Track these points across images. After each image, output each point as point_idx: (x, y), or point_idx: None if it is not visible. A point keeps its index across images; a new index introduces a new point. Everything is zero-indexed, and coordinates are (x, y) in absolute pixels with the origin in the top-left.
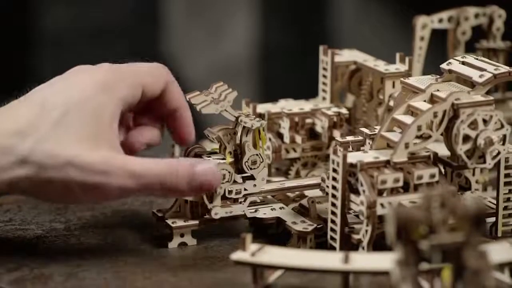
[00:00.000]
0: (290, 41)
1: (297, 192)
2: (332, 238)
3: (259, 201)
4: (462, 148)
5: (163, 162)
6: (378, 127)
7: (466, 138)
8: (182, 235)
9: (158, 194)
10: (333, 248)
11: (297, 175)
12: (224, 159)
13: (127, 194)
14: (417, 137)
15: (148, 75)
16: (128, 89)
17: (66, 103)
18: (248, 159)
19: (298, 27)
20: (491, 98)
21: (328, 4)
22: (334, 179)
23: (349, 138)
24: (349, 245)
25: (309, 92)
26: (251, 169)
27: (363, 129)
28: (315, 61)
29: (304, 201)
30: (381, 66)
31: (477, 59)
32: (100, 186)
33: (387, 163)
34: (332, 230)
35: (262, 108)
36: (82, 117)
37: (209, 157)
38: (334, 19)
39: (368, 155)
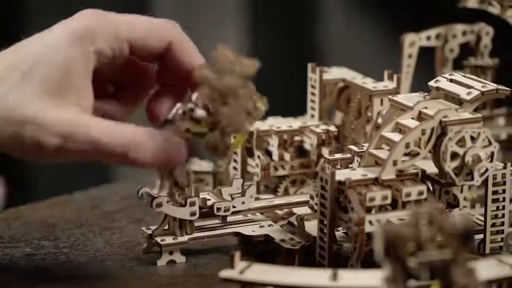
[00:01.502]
0: (279, 58)
1: (285, 210)
2: (321, 256)
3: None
4: (450, 165)
5: (130, 132)
6: (366, 145)
7: (454, 156)
8: (171, 253)
9: (116, 163)
10: (321, 266)
11: (286, 192)
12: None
13: (85, 159)
14: (405, 154)
15: (140, 28)
16: (107, 41)
17: (36, 54)
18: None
19: (286, 44)
20: (479, 115)
21: (316, 20)
22: (322, 196)
23: (338, 155)
24: (337, 262)
25: (298, 109)
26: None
27: (351, 146)
28: (303, 79)
29: (292, 219)
30: (369, 83)
31: (464, 76)
32: (57, 149)
33: (375, 181)
34: (321, 247)
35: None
36: (49, 70)
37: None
38: (323, 36)
39: (356, 173)
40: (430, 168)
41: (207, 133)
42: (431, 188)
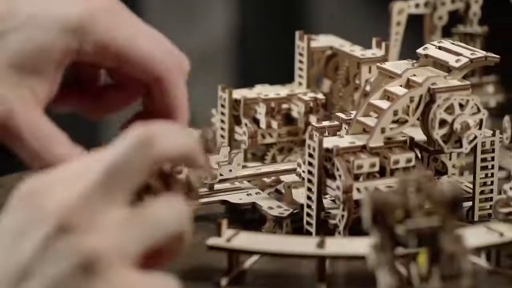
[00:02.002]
0: (266, 25)
1: (273, 178)
2: (308, 223)
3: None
4: (438, 133)
5: (60, 143)
6: (354, 112)
7: (443, 123)
8: None
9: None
10: (309, 233)
11: (273, 160)
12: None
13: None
14: (394, 122)
15: (136, 52)
16: (95, 45)
17: (28, 15)
18: None
19: (274, 12)
20: (468, 82)
21: None
22: (310, 164)
23: (325, 123)
24: (325, 230)
25: (285, 77)
26: None
27: (339, 114)
28: (291, 46)
29: (280, 186)
30: (357, 51)
31: (453, 44)
32: None
33: (363, 148)
34: (308, 215)
35: (238, 93)
36: (24, 43)
37: None
38: (311, 4)
39: (344, 140)
40: (419, 135)
41: None
42: (419, 155)
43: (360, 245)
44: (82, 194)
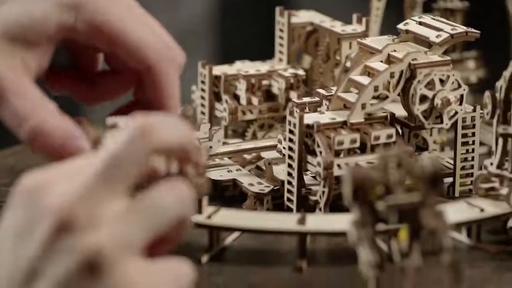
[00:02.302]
0: (247, 1)
1: (253, 154)
2: (289, 200)
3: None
4: (419, 109)
5: (48, 111)
6: (335, 88)
7: (423, 99)
8: None
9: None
10: (289, 210)
11: (254, 137)
12: None
13: None
14: (374, 97)
15: (129, 37)
16: (85, 25)
17: None
18: None
19: None
20: (448, 58)
21: None
22: (290, 140)
23: (306, 99)
24: (306, 206)
25: (266, 53)
26: None
27: (320, 90)
28: (271, 22)
29: (260, 163)
30: (338, 27)
31: (434, 19)
32: None
33: (344, 124)
34: (289, 191)
35: (218, 70)
36: (19, 14)
37: None
38: None
39: (324, 116)
40: (399, 111)
41: None
42: (400, 131)
43: (341, 221)
44: (83, 188)
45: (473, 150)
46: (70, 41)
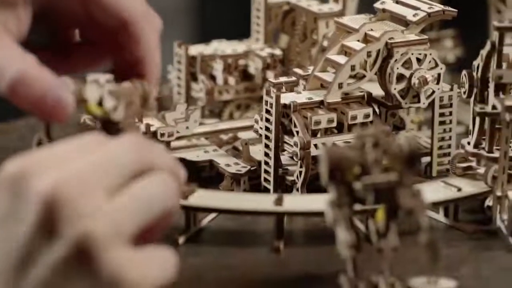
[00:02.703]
0: None
1: (230, 134)
2: (266, 180)
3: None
4: (396, 88)
5: (28, 62)
6: (311, 68)
7: (400, 78)
8: None
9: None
10: (266, 190)
11: (231, 117)
12: None
13: None
14: (351, 77)
15: None
16: None
17: None
18: None
19: None
20: (425, 37)
21: None
22: (267, 120)
23: (283, 79)
24: (283, 187)
25: (242, 33)
26: None
27: (296, 69)
28: (248, 1)
29: (237, 143)
30: (314, 6)
31: None
32: None
33: (320, 104)
34: (266, 172)
35: (194, 50)
36: None
37: None
38: None
39: (301, 96)
40: (376, 90)
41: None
42: (377, 110)
43: (318, 202)
44: (74, 175)
45: (450, 130)
46: (46, 11)
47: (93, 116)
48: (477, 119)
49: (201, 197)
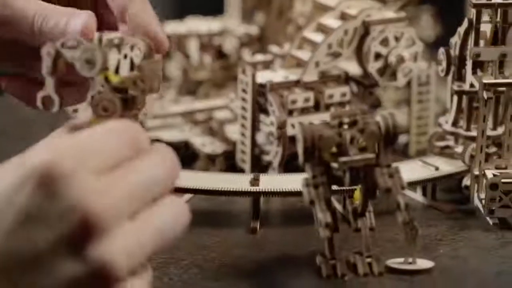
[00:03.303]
0: None
1: (206, 114)
2: (242, 160)
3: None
4: (373, 66)
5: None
6: (288, 46)
7: (378, 56)
8: None
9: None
10: (242, 170)
11: (206, 96)
12: None
13: None
14: (328, 55)
15: None
16: None
17: None
18: None
19: None
20: (403, 14)
21: None
22: (243, 100)
23: (259, 57)
24: (259, 167)
25: (218, 9)
26: None
27: (272, 48)
28: None
29: (213, 123)
30: None
31: None
32: None
33: (297, 83)
34: (242, 151)
35: (169, 28)
36: None
37: None
38: None
39: (277, 75)
40: (354, 69)
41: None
42: (354, 89)
43: (295, 182)
44: (69, 146)
45: (428, 108)
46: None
47: (109, 85)
48: (455, 98)
49: None
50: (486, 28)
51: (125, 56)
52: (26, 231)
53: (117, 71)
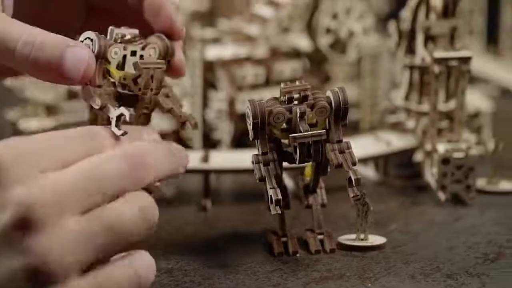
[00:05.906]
0: None
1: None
2: (192, 137)
3: None
4: (324, 41)
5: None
6: (238, 21)
7: (328, 31)
8: None
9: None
10: (192, 147)
11: None
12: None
13: None
14: (278, 30)
15: None
16: None
17: None
18: None
19: None
20: None
21: None
22: (192, 76)
23: (208, 32)
24: (209, 143)
25: None
26: None
27: (222, 23)
28: None
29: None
30: None
31: None
32: None
33: (247, 59)
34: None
35: None
36: None
37: None
38: None
39: (227, 50)
40: (304, 44)
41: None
42: (305, 64)
43: (246, 158)
44: (21, 143)
45: (379, 83)
46: None
47: (108, 79)
48: (406, 72)
49: None
50: (437, 1)
51: (134, 53)
52: None
53: (123, 67)
